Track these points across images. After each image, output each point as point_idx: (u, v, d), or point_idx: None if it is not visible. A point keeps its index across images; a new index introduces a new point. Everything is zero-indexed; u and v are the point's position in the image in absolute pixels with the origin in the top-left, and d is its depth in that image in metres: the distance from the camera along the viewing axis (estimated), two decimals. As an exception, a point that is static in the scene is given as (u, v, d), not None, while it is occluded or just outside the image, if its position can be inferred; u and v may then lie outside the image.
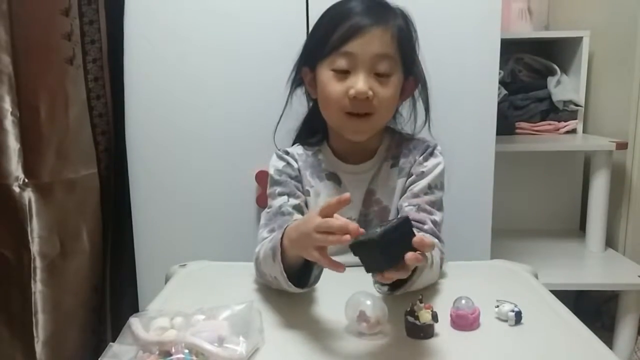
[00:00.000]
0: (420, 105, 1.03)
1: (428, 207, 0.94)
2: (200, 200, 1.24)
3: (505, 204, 1.37)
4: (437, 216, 0.94)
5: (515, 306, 0.75)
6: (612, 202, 1.61)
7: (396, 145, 1.01)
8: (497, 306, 0.77)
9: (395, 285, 0.77)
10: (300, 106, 1.06)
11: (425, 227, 0.91)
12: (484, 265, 1.03)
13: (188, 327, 0.67)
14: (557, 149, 1.70)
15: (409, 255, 0.62)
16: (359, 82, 0.89)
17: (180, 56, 1.19)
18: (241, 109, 1.20)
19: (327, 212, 0.69)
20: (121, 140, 1.25)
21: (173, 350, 0.62)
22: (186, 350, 0.62)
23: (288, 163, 1.00)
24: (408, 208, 0.94)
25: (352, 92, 0.89)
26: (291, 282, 0.78)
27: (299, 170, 1.00)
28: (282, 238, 0.78)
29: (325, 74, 0.93)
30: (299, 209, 0.96)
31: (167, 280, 0.97)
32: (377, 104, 0.91)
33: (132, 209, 1.24)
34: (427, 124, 1.03)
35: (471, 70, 1.19)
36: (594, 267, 1.59)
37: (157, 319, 0.69)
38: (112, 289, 1.36)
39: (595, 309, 1.65)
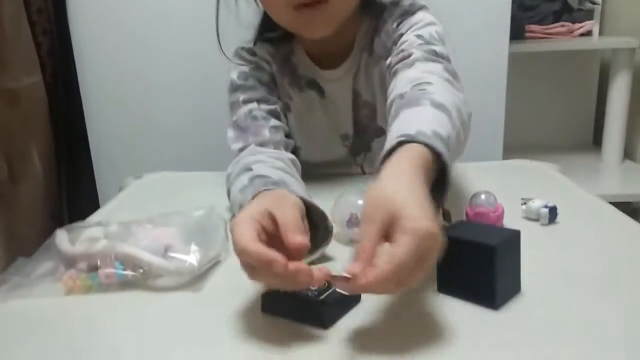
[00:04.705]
0: None
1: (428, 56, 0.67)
2: (161, 105, 1.09)
3: (514, 117, 1.23)
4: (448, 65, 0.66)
5: (549, 202, 0.60)
6: (631, 110, 1.47)
7: (375, 26, 0.78)
8: (525, 203, 0.61)
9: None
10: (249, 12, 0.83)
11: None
12: (504, 165, 0.88)
13: (126, 237, 0.51)
14: (573, 48, 1.55)
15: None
16: None
17: None
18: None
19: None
20: (67, 40, 1.07)
21: (99, 263, 0.46)
22: (117, 262, 0.46)
23: (258, 65, 0.80)
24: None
25: None
26: None
27: (273, 75, 0.81)
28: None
29: None
30: (274, 114, 0.77)
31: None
32: None
33: (86, 120, 1.10)
34: None
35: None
36: (611, 179, 1.49)
37: (89, 229, 0.54)
38: (71, 215, 1.21)
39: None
